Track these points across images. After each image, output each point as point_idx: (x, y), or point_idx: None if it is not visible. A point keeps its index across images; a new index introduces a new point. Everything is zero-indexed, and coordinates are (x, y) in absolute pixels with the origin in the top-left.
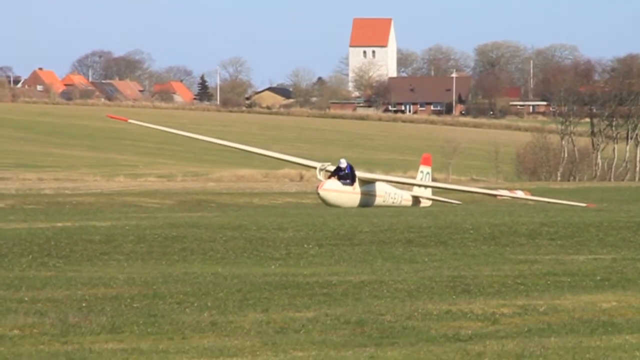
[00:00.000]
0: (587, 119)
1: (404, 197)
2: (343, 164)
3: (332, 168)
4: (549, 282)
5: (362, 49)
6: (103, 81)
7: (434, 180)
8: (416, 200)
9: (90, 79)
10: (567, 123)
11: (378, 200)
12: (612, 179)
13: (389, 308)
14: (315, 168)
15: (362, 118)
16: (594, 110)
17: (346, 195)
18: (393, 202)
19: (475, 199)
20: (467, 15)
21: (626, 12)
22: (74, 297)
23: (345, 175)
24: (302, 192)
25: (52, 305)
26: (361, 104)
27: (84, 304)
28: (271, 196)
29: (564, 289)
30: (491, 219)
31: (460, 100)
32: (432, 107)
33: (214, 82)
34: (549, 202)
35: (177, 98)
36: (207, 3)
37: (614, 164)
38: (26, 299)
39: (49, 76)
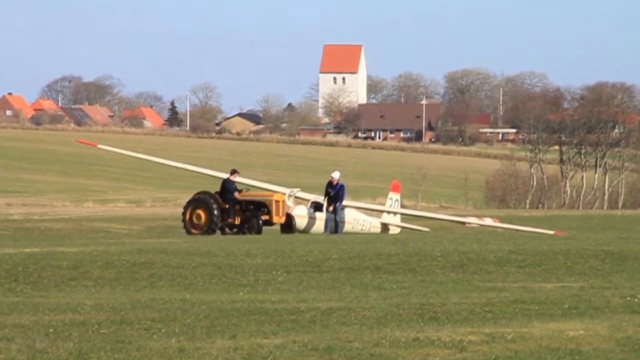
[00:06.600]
0: (556, 147)
1: (372, 224)
2: (336, 175)
3: (301, 194)
4: (516, 310)
5: (332, 75)
6: (72, 106)
7: (403, 207)
8: (385, 227)
9: (59, 104)
10: (536, 151)
11: (347, 227)
12: (580, 207)
13: (357, 335)
14: (284, 194)
15: (331, 144)
16: (563, 138)
17: (315, 221)
18: (362, 229)
19: (444, 226)
20: (436, 42)
21: (595, 40)
22: (41, 322)
23: (334, 195)
24: None
25: (19, 331)
26: (331, 130)
27: (51, 330)
28: None
29: (531, 316)
30: (460, 247)
31: (430, 127)
32: (401, 134)
33: (184, 107)
34: (517, 230)
35: (147, 123)
36: (177, 29)
37: (582, 192)
38: None
39: (18, 101)
